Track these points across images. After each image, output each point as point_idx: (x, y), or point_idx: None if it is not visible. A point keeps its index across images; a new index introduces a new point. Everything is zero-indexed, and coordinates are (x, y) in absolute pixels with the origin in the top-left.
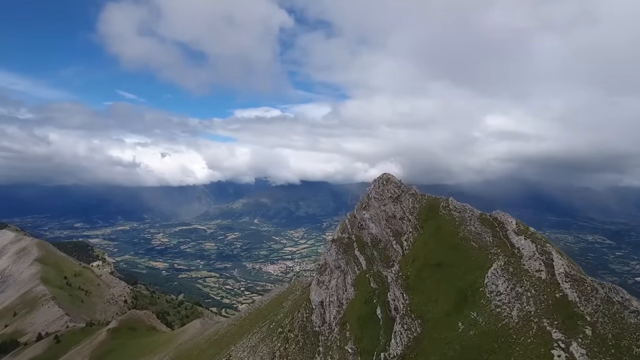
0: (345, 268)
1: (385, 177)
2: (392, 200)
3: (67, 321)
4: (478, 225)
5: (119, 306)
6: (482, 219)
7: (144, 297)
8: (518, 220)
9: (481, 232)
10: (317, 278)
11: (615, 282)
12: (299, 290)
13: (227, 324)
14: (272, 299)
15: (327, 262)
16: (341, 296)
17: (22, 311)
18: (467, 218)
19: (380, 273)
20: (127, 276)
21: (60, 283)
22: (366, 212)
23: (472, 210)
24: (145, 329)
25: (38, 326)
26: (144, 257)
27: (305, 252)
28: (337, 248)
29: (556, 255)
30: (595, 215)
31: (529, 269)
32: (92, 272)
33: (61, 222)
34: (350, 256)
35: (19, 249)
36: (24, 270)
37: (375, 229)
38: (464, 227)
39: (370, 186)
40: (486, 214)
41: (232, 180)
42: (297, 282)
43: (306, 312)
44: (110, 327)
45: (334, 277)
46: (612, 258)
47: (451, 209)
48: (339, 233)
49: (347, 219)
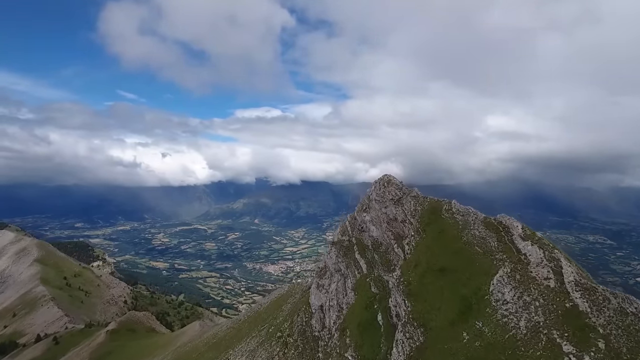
0: (345, 272)
1: (386, 179)
2: (393, 202)
3: (66, 322)
4: (482, 229)
5: (118, 307)
6: (486, 222)
7: (144, 297)
8: (524, 224)
9: (485, 236)
10: (317, 281)
11: (616, 282)
12: (299, 294)
13: (226, 326)
14: (272, 302)
15: (327, 265)
16: (341, 300)
17: (21, 312)
18: (471, 222)
19: (381, 277)
20: (127, 276)
21: (60, 284)
22: (367, 215)
23: (476, 214)
24: (144, 331)
25: (37, 327)
26: (144, 257)
27: (306, 252)
28: (337, 251)
29: (565, 262)
30: (596, 215)
31: (536, 277)
32: (92, 272)
33: (62, 222)
34: (351, 259)
35: (18, 249)
36: (24, 270)
37: (376, 232)
38: (467, 231)
39: (371, 187)
40: (490, 218)
41: (232, 180)
42: (297, 284)
43: (306, 316)
44: (109, 329)
45: (333, 281)
46: (613, 258)
47: (454, 212)
48: (339, 235)
49: (347, 221)
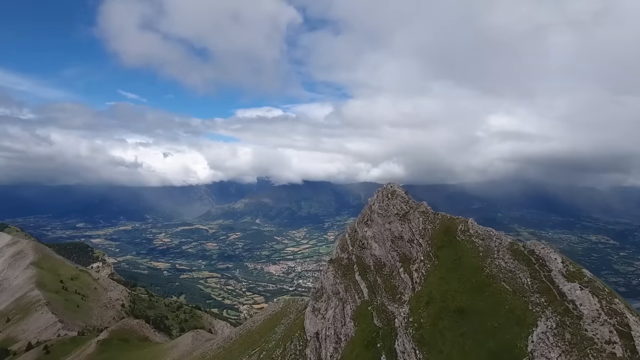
0: (344, 295)
1: (391, 190)
2: (398, 217)
3: (59, 329)
4: (509, 259)
5: (116, 310)
6: (513, 250)
7: (142, 300)
8: (564, 256)
9: (514, 269)
10: (313, 304)
11: (619, 282)
12: (294, 314)
13: (217, 345)
14: (265, 321)
15: (324, 286)
16: (339, 330)
17: (15, 317)
18: (494, 248)
19: (386, 307)
20: (128, 277)
21: (56, 287)
22: (368, 229)
23: (499, 238)
24: (137, 340)
25: (30, 333)
26: (145, 257)
27: (307, 252)
28: (335, 270)
29: (632, 318)
30: (599, 215)
31: (594, 338)
32: (89, 275)
33: (63, 222)
34: (350, 281)
35: (14, 252)
36: (19, 274)
37: (378, 250)
38: (490, 260)
39: (373, 197)
40: (518, 244)
41: (234, 180)
42: (292, 301)
43: (300, 344)
44: (100, 339)
45: (331, 306)
46: (616, 258)
47: (472, 234)
48: (338, 251)
49: (347, 233)
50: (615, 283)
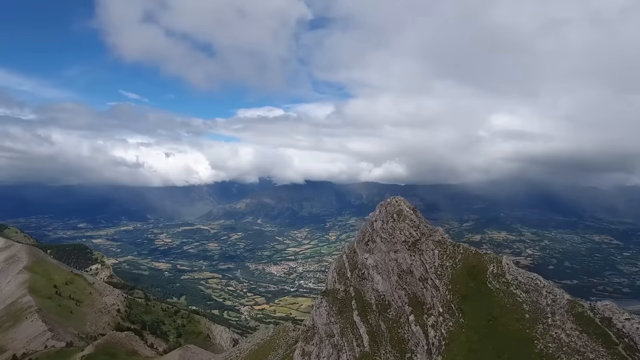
0: (339, 341)
1: (397, 208)
2: (407, 246)
3: (48, 338)
4: (573, 330)
5: (111, 316)
6: (577, 315)
7: (139, 305)
8: None
9: (579, 342)
10: (302, 347)
11: (623, 283)
12: (282, 349)
13: None
14: (251, 351)
15: (316, 325)
16: None
17: (5, 324)
18: (546, 308)
19: None
20: (128, 278)
21: (49, 292)
22: (369, 256)
23: (552, 292)
24: (125, 354)
25: (19, 342)
26: (146, 257)
27: (309, 252)
28: (329, 306)
29: None
30: (602, 215)
31: None
32: (85, 279)
33: (65, 222)
34: (347, 322)
35: (7, 256)
36: (12, 279)
37: (382, 285)
38: (543, 328)
39: (375, 213)
40: (584, 305)
41: (235, 180)
42: (282, 329)
43: None
44: (84, 354)
45: (323, 354)
46: (620, 259)
47: (509, 281)
48: (334, 280)
49: (344, 254)
50: (619, 284)
